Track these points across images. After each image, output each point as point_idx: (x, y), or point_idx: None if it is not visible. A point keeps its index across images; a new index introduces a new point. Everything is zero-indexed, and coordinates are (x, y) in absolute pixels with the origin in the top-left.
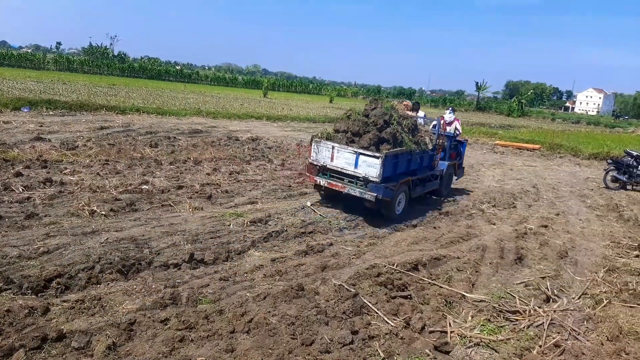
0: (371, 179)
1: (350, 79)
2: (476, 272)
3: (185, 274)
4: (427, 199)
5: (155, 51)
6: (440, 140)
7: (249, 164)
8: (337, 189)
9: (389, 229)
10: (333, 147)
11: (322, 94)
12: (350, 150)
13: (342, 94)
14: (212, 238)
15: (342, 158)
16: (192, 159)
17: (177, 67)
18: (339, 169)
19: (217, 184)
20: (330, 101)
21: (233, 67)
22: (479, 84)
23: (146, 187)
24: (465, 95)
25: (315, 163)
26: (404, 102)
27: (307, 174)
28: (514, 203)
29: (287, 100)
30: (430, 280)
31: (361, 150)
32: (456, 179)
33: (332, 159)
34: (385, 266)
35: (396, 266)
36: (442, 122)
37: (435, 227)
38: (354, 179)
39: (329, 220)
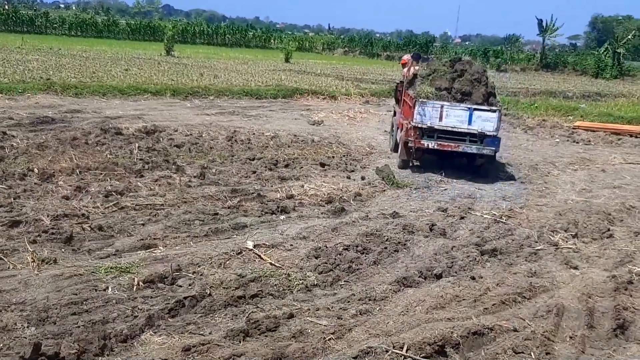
0: (488, 133)
1: (320, 21)
2: (547, 354)
3: None
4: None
5: None
6: None
7: (142, 176)
8: (449, 149)
9: (394, 284)
10: (442, 106)
11: (272, 47)
12: (463, 107)
13: (307, 47)
14: (74, 314)
15: (453, 116)
16: (36, 170)
17: (6, 7)
18: (450, 128)
19: (84, 214)
20: (287, 60)
21: (110, 3)
22: (544, 24)
23: None
24: (521, 44)
25: (420, 125)
26: (403, 60)
27: (411, 138)
28: (609, 230)
29: (209, 61)
30: None
31: (476, 106)
32: None
33: (440, 119)
34: (387, 351)
35: (407, 350)
36: None
37: (473, 278)
38: (466, 136)
39: (286, 273)
